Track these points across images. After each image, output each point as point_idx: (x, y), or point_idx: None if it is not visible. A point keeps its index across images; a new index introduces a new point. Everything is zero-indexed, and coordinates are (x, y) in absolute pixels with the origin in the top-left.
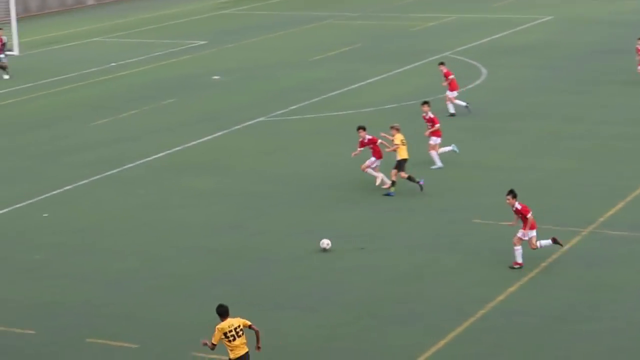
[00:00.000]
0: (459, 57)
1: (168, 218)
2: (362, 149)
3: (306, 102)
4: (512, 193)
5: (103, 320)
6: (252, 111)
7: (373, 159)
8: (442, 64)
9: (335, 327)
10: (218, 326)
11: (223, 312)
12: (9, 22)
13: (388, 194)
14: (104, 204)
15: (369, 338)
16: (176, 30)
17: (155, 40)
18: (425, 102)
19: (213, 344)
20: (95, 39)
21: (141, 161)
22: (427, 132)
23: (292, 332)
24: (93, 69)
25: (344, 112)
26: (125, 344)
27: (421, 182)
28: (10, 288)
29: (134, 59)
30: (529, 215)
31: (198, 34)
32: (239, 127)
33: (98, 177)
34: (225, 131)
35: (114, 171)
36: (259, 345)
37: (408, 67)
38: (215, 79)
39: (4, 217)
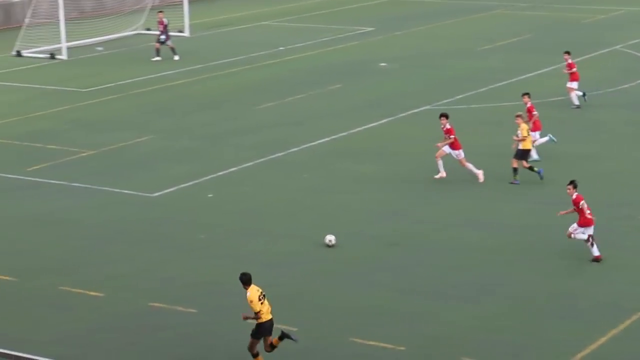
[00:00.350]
0: (629, 51)
1: (330, 203)
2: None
3: (472, 92)
4: (573, 183)
5: None
6: (418, 99)
7: (456, 152)
8: (567, 53)
9: (494, 318)
10: (249, 296)
11: (247, 280)
12: (180, 4)
13: (513, 182)
14: (267, 186)
15: (528, 331)
16: (345, 16)
17: (323, 25)
18: (526, 93)
19: (259, 311)
20: (264, 22)
21: (305, 145)
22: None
23: (450, 321)
24: (261, 53)
25: (510, 103)
26: (285, 327)
27: (540, 172)
28: (175, 266)
29: (301, 44)
30: (581, 204)
31: (366, 20)
32: (404, 114)
33: (263, 159)
34: (390, 118)
35: (279, 154)
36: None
37: (577, 59)
38: (382, 66)
39: (170, 196)
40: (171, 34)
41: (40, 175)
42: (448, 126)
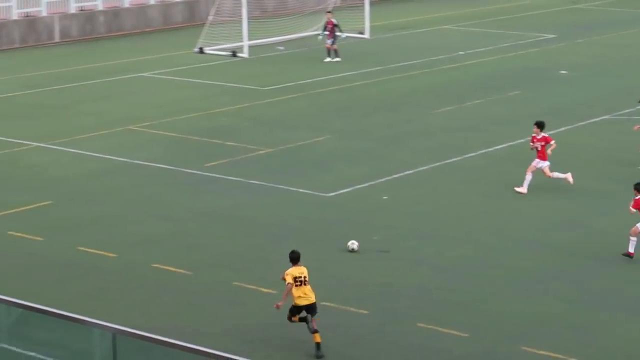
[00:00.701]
0: None
1: (505, 209)
2: (535, 145)
3: None
4: (636, 186)
5: (434, 306)
6: (598, 108)
7: (537, 160)
8: None
9: None
10: (288, 271)
11: (295, 258)
12: (361, 5)
13: None
14: (442, 190)
15: None
16: (526, 23)
17: (503, 31)
18: None
19: (289, 284)
20: (445, 26)
21: (482, 151)
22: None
23: (623, 335)
24: (440, 57)
25: None
26: (455, 332)
27: None
28: (347, 267)
29: (481, 49)
30: None
31: (548, 27)
32: (583, 123)
33: (438, 163)
34: (568, 127)
35: (455, 159)
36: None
37: None
38: (562, 73)
39: (345, 197)
40: (352, 35)
41: (218, 171)
42: (544, 134)
